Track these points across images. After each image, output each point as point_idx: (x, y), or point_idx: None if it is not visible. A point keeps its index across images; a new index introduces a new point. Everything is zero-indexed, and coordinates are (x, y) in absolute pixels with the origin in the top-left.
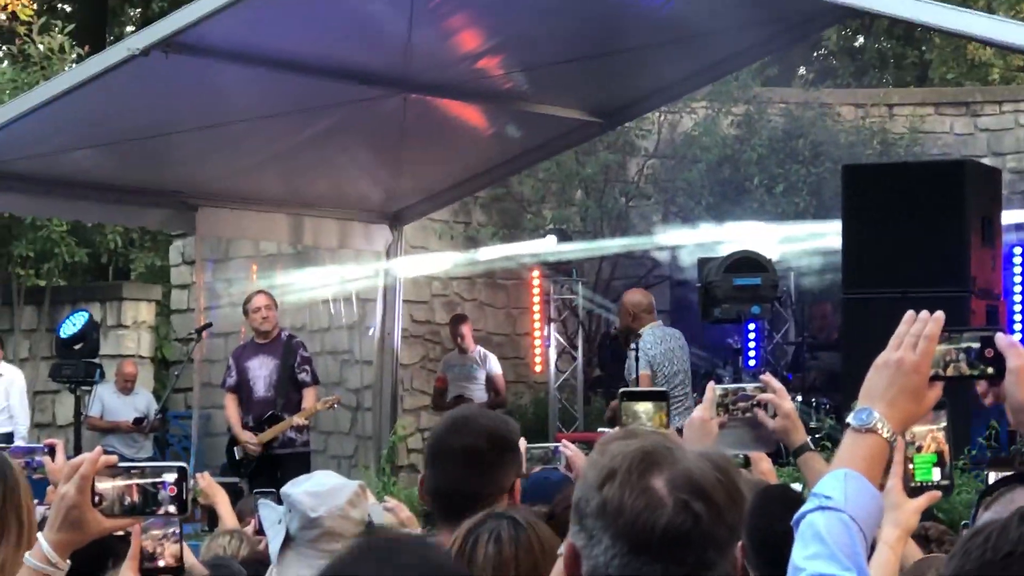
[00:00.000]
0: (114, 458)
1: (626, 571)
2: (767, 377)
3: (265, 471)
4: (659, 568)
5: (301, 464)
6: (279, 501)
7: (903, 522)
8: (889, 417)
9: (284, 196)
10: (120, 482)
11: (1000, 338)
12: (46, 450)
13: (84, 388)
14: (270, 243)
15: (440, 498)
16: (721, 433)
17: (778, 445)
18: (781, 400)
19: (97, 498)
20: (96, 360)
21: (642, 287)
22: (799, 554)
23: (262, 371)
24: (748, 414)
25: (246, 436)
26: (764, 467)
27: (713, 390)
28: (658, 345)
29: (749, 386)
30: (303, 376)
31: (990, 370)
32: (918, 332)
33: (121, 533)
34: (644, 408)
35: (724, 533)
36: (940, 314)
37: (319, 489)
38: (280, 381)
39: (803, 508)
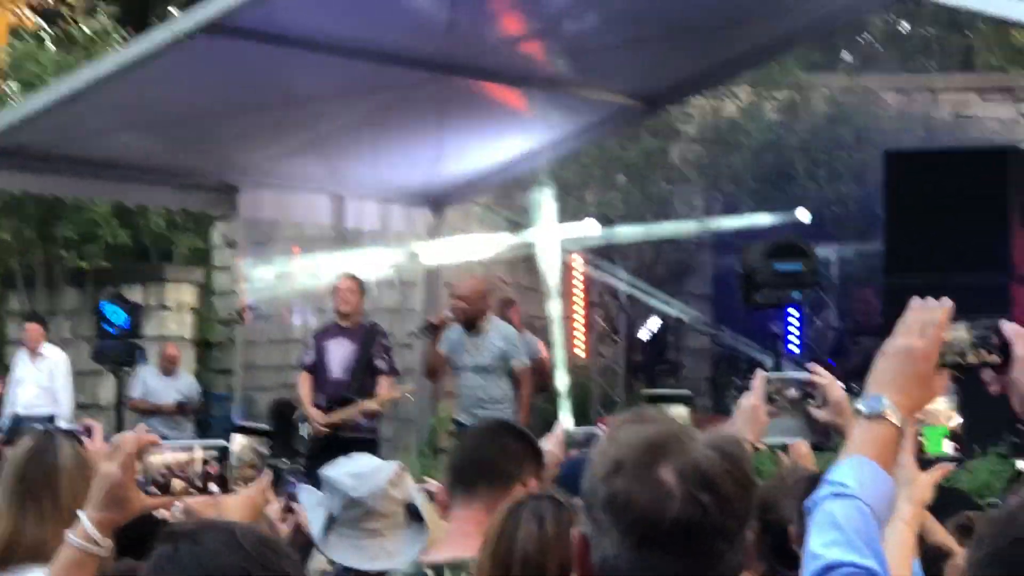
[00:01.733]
0: (156, 437)
1: (635, 564)
2: (815, 367)
3: (329, 453)
4: (668, 560)
5: (366, 450)
6: (316, 484)
7: (917, 496)
8: (899, 404)
9: (326, 178)
10: (162, 461)
11: (1006, 327)
12: (83, 432)
13: (126, 370)
14: (312, 226)
15: (453, 470)
16: (770, 422)
17: (828, 435)
18: (832, 390)
19: (140, 477)
20: (138, 342)
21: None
22: (816, 541)
23: (339, 353)
24: (797, 404)
25: (314, 412)
26: (802, 451)
27: (761, 378)
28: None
29: (798, 375)
30: (380, 363)
31: (996, 358)
32: (926, 319)
33: (164, 513)
34: (677, 413)
35: (733, 524)
36: (947, 301)
37: (360, 470)
38: (357, 365)
39: (816, 495)
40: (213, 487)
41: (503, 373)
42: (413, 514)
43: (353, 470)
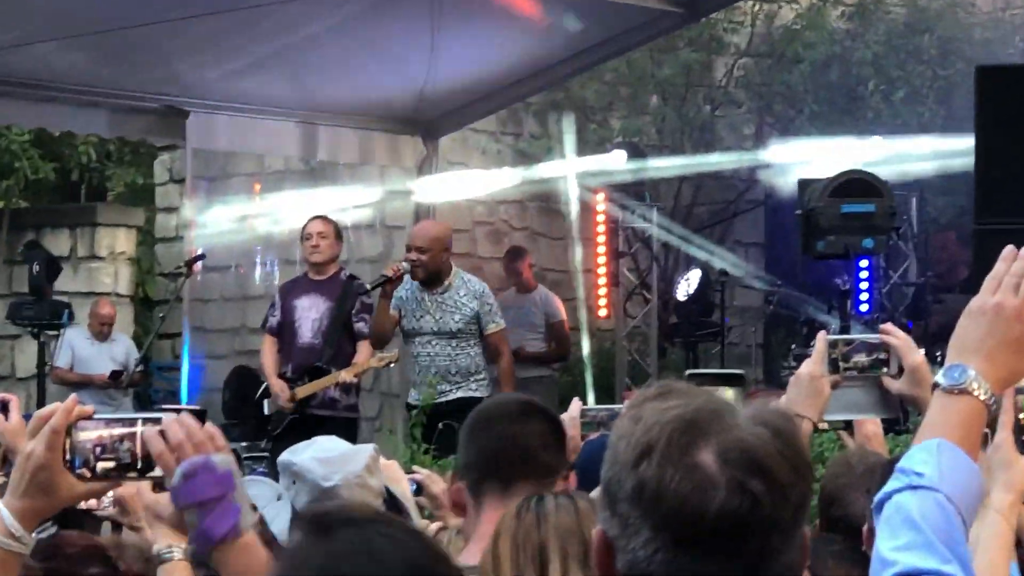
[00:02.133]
0: (90, 408)
1: (671, 567)
2: (889, 327)
3: (297, 434)
4: (712, 562)
5: (344, 431)
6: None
7: (1016, 484)
8: (987, 374)
9: (293, 100)
10: (98, 436)
11: None
12: None
13: (49, 333)
14: (276, 158)
15: (485, 463)
16: (833, 394)
17: (901, 410)
18: (908, 355)
19: (70, 457)
20: (64, 299)
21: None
22: (886, 544)
23: (311, 313)
24: (867, 373)
25: (279, 385)
26: (869, 429)
27: (824, 341)
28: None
29: (867, 337)
30: (360, 326)
31: None
32: (1021, 271)
33: (91, 503)
34: (727, 397)
35: (789, 515)
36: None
37: (329, 455)
38: (331, 327)
39: (887, 487)
40: (157, 471)
41: (473, 339)
42: (392, 506)
43: (320, 455)
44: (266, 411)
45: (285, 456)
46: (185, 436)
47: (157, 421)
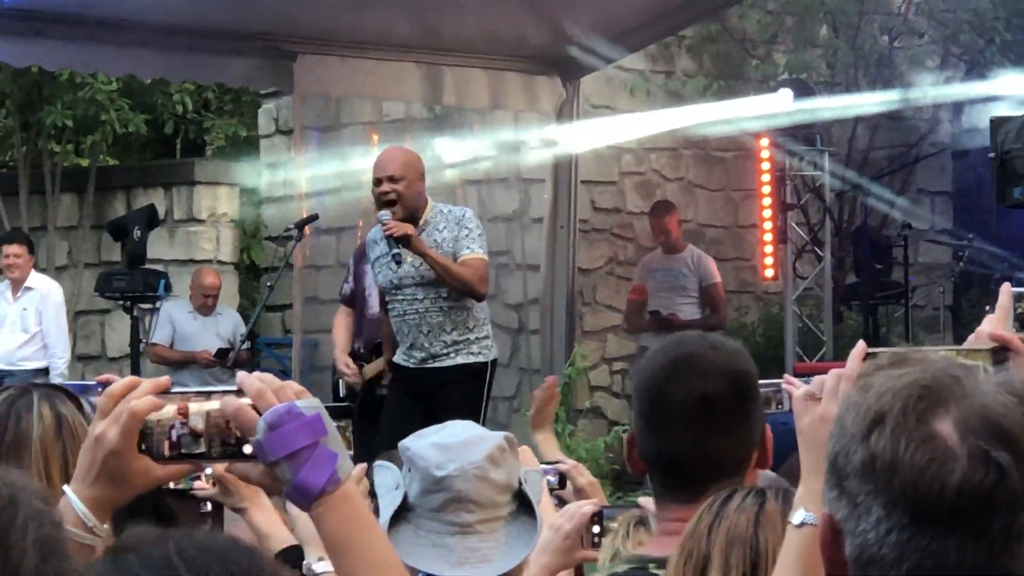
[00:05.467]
0: (166, 379)
1: (906, 549)
2: None
3: (370, 418)
4: (953, 543)
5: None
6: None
7: None
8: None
9: (414, 38)
10: (174, 413)
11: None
12: (100, 389)
13: (144, 306)
14: (396, 104)
15: (670, 468)
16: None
17: None
18: None
19: (145, 439)
20: (161, 267)
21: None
22: None
23: None
24: None
25: (343, 363)
26: None
27: (1008, 294)
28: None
29: None
30: None
31: None
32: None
33: (180, 485)
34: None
35: None
36: (860, 346)
37: (450, 441)
38: None
39: None
40: (245, 449)
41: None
42: (522, 505)
43: (441, 440)
44: (341, 392)
45: (407, 440)
46: (264, 385)
47: (237, 393)
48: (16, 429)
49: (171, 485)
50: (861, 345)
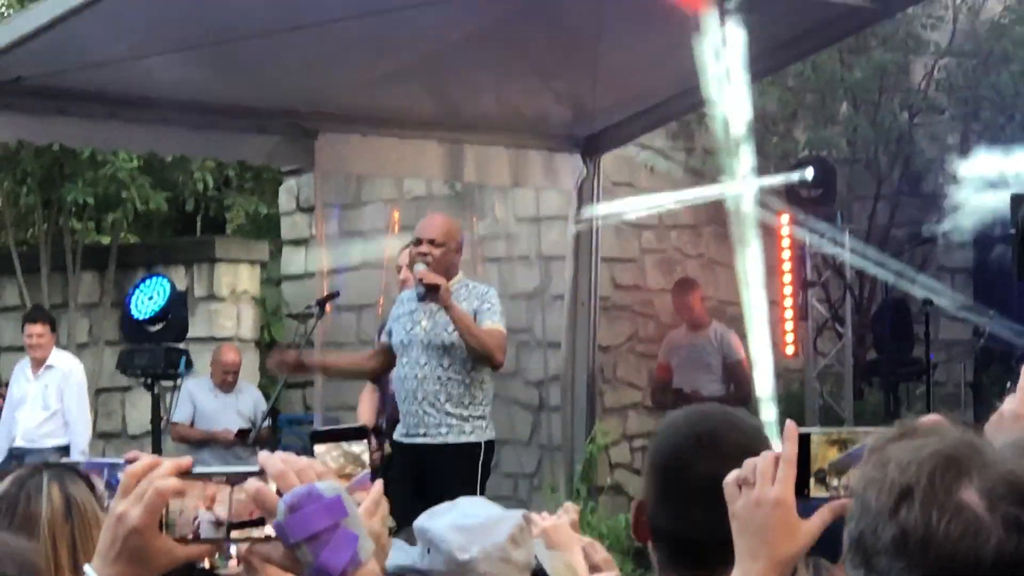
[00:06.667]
0: (188, 460)
1: None
2: None
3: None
4: None
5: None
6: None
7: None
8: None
9: (436, 116)
10: (196, 492)
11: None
12: (126, 466)
13: (165, 384)
14: (417, 181)
15: (680, 544)
16: None
17: None
18: None
19: (167, 519)
20: (181, 346)
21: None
22: None
23: None
24: None
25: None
26: None
27: None
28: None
29: None
30: None
31: None
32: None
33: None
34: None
35: None
36: (791, 426)
37: (469, 522)
38: None
39: None
40: (265, 530)
41: (471, 360)
42: None
43: (460, 522)
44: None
45: (422, 520)
46: (286, 466)
47: (258, 474)
48: (26, 510)
49: (205, 564)
50: (791, 425)
